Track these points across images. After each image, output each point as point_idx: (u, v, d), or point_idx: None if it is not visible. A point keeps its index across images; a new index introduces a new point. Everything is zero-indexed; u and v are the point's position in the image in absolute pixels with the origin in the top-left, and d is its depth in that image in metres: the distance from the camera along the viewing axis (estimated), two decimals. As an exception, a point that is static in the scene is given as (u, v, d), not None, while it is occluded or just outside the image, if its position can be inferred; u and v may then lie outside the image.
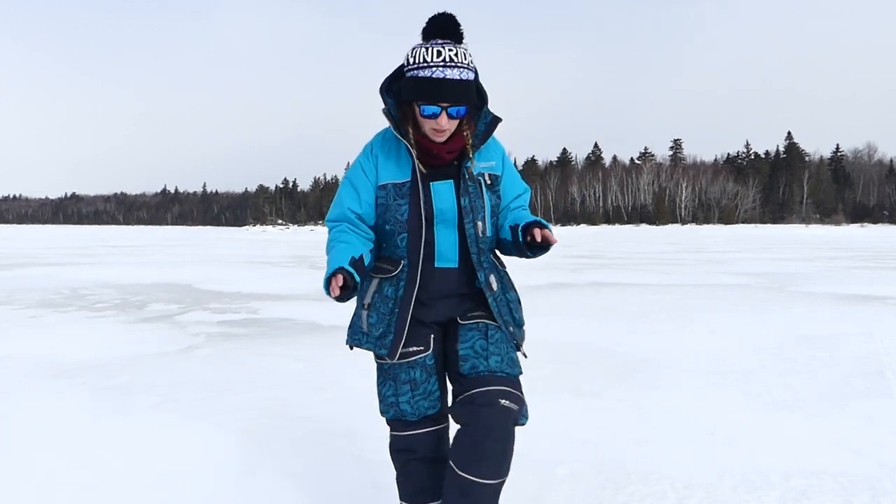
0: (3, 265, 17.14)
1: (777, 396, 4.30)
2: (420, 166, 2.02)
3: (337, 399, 4.23)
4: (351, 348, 2.17)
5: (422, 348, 2.08)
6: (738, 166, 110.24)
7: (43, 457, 3.17)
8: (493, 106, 2.10)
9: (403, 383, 2.09)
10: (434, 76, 1.90)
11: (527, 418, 2.08)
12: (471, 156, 2.03)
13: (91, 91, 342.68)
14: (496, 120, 2.08)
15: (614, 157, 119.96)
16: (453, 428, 2.10)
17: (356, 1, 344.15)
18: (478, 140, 2.05)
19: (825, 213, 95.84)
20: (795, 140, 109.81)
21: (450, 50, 1.91)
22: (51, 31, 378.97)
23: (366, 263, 2.02)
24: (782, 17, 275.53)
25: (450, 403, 2.10)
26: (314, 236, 54.55)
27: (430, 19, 1.94)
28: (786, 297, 9.75)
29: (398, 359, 2.07)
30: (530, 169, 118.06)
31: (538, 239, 1.95)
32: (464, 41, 1.95)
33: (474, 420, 1.96)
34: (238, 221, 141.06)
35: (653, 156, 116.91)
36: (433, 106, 1.93)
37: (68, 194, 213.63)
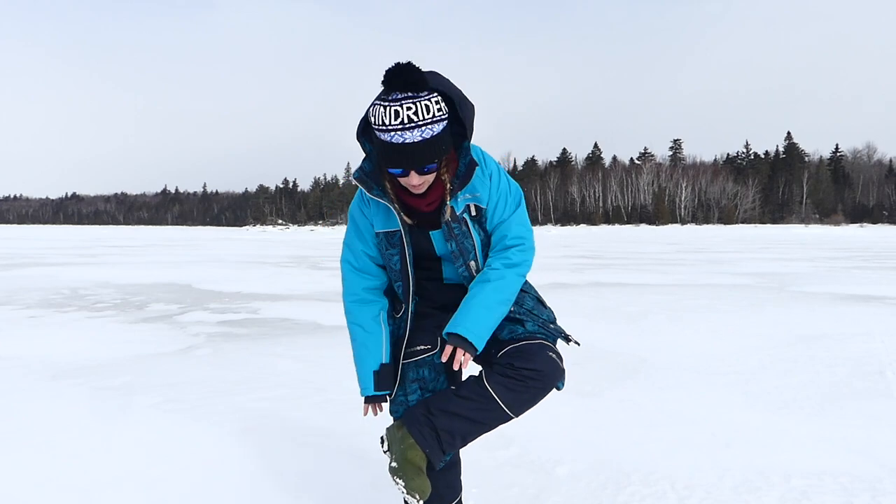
0: (3, 265, 17.14)
1: (777, 396, 4.30)
2: (406, 219, 2.01)
3: (337, 399, 4.23)
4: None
5: (429, 347, 2.10)
6: (738, 166, 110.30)
7: (42, 457, 3.17)
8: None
9: (412, 382, 2.10)
10: (394, 141, 1.82)
11: (563, 383, 2.07)
12: (447, 202, 1.97)
13: (91, 91, 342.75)
14: (473, 164, 1.98)
15: (614, 157, 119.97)
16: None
17: (358, 1, 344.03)
18: (458, 182, 1.97)
19: (825, 213, 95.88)
20: (795, 140, 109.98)
21: (408, 108, 1.79)
22: (51, 30, 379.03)
23: (387, 359, 2.09)
24: (782, 17, 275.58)
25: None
26: (314, 236, 54.57)
27: (386, 71, 1.81)
28: (786, 297, 9.75)
29: (404, 358, 2.10)
30: (530, 169, 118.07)
31: (444, 360, 1.94)
32: (427, 87, 1.82)
33: (524, 357, 1.96)
34: (238, 221, 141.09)
35: (653, 156, 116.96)
36: (397, 168, 1.88)
37: (68, 194, 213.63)
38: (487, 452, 3.21)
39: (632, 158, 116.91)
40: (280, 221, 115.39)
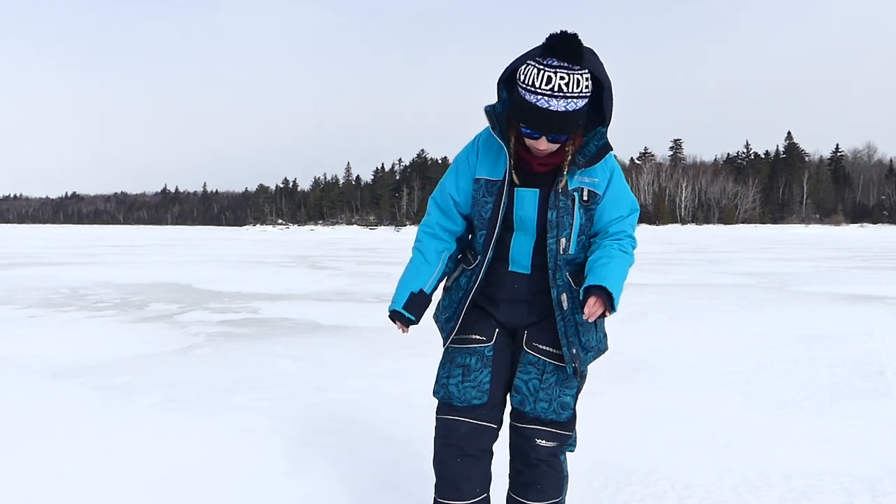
0: (3, 265, 17.13)
1: (777, 396, 4.30)
2: (514, 173, 2.02)
3: (337, 399, 4.23)
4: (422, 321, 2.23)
5: (484, 338, 2.11)
6: (738, 166, 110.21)
7: (43, 457, 3.17)
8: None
9: (457, 367, 2.11)
10: (538, 104, 1.83)
11: (573, 446, 2.17)
12: (565, 172, 1.98)
13: (91, 91, 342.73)
14: (606, 148, 2.01)
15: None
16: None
17: (359, 1, 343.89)
18: (583, 160, 1.99)
19: (825, 213, 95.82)
20: (795, 140, 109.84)
21: (561, 78, 1.81)
22: (51, 30, 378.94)
23: (429, 290, 2.14)
24: (782, 17, 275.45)
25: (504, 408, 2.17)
26: (314, 236, 54.56)
27: (550, 36, 1.83)
28: (786, 297, 9.75)
29: (455, 343, 2.14)
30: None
31: (586, 317, 1.94)
32: (582, 62, 1.83)
33: (518, 451, 2.14)
34: (238, 221, 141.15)
35: (653, 156, 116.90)
36: (534, 131, 1.90)
37: (68, 194, 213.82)
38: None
39: (632, 158, 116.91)
40: (280, 221, 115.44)
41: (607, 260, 1.99)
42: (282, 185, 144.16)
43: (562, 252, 2.02)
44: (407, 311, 2.12)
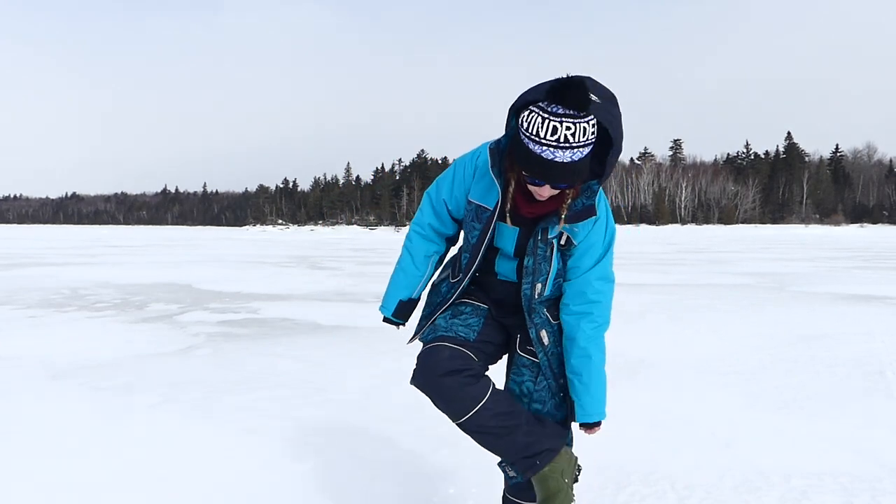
0: (3, 265, 17.13)
1: (777, 396, 4.30)
2: (505, 211, 2.00)
3: (337, 399, 4.23)
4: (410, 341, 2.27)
5: (479, 302, 2.15)
6: (738, 166, 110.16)
7: (43, 457, 3.17)
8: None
9: (448, 309, 2.15)
10: (543, 155, 1.79)
11: (571, 444, 2.22)
12: (558, 224, 1.96)
13: (91, 91, 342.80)
14: (591, 211, 1.96)
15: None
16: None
17: (359, 1, 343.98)
18: (568, 216, 1.95)
19: (825, 213, 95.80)
20: (795, 140, 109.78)
21: (567, 128, 1.76)
22: (52, 30, 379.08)
23: (417, 296, 2.21)
24: (783, 17, 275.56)
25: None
26: (314, 236, 54.56)
27: (557, 82, 1.77)
28: (786, 297, 9.75)
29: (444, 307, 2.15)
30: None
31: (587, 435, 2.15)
32: (590, 107, 1.78)
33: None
34: (238, 221, 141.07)
35: (652, 156, 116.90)
36: (537, 180, 1.87)
37: (68, 194, 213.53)
38: (488, 452, 3.20)
39: (632, 158, 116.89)
40: (280, 221, 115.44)
41: (588, 378, 2.05)
42: (282, 186, 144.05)
43: (537, 296, 2.04)
44: (396, 318, 2.26)
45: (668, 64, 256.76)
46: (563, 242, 2.00)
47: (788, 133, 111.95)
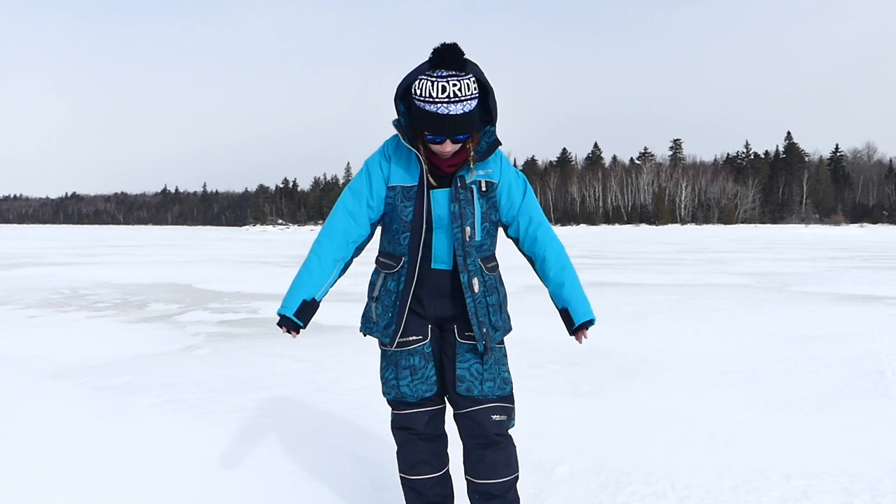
0: (3, 265, 17.14)
1: (777, 396, 4.30)
2: (429, 175, 2.19)
3: (337, 399, 4.23)
4: (364, 335, 2.38)
5: (420, 337, 2.28)
6: (738, 166, 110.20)
7: (43, 457, 3.17)
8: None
9: (404, 368, 2.28)
10: (439, 112, 2.04)
11: (514, 421, 2.33)
12: (471, 166, 2.19)
13: (91, 91, 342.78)
14: (496, 143, 2.23)
15: (614, 157, 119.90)
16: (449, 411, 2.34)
17: (360, 2, 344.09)
18: (477, 157, 2.20)
19: (825, 213, 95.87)
20: (795, 140, 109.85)
21: (453, 85, 2.04)
22: (52, 29, 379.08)
23: (319, 298, 2.25)
24: (783, 17, 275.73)
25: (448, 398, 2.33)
26: (314, 236, 54.47)
27: (434, 50, 2.05)
28: (786, 297, 9.75)
29: (398, 346, 2.27)
30: (530, 168, 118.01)
31: (579, 343, 2.29)
32: (465, 69, 2.06)
33: (474, 435, 2.26)
34: (238, 221, 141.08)
35: (652, 156, 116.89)
36: (439, 136, 2.09)
37: (68, 194, 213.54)
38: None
39: (632, 158, 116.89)
40: (280, 221, 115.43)
41: (571, 284, 2.26)
42: (282, 186, 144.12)
43: (468, 239, 2.20)
44: (297, 318, 2.24)
45: (669, 63, 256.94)
46: (483, 188, 2.21)
47: (788, 133, 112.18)
